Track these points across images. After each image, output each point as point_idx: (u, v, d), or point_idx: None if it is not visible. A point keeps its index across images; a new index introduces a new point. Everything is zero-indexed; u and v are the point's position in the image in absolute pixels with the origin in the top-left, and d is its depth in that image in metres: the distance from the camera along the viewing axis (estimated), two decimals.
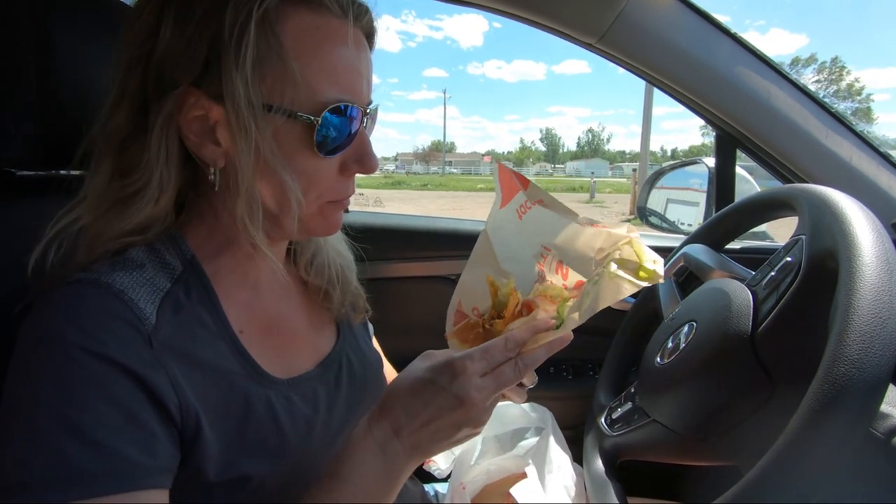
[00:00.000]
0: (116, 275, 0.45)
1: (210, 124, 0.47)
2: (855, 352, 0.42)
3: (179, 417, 0.44)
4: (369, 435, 0.46)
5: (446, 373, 0.45)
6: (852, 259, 0.48)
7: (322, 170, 0.50)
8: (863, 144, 0.95)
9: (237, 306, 0.53)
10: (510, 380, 0.46)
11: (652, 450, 0.67)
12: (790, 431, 0.43)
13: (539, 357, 0.48)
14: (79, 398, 0.39)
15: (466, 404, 0.44)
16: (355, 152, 0.51)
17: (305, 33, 0.46)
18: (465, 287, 0.60)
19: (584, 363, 1.25)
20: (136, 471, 0.40)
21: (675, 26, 0.95)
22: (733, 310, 0.60)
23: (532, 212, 0.60)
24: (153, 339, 0.44)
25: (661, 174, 1.49)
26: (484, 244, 0.61)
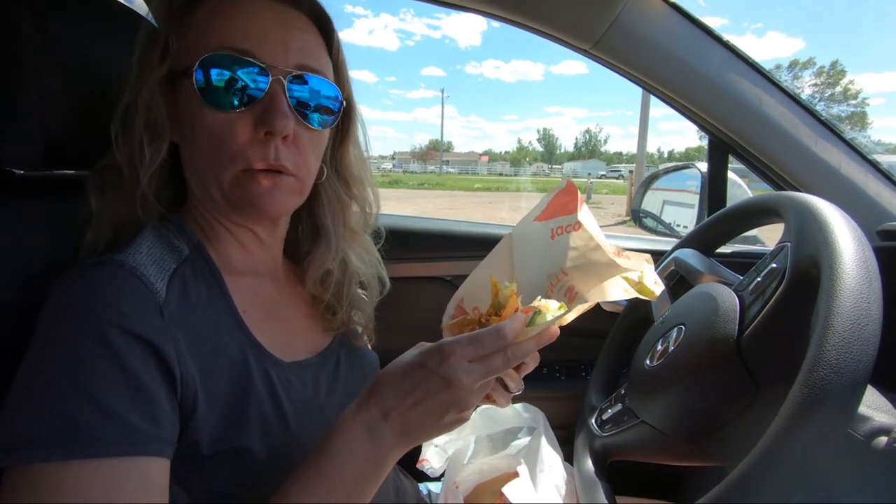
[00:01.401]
0: (128, 254, 0.49)
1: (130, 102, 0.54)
2: (834, 357, 0.44)
3: (181, 390, 0.46)
4: (357, 417, 0.47)
5: (435, 356, 0.46)
6: (834, 267, 0.50)
7: (224, 126, 0.51)
8: (851, 152, 0.97)
9: (240, 288, 0.57)
10: (498, 368, 0.47)
11: (640, 450, 0.69)
12: (771, 433, 0.45)
13: (528, 348, 0.48)
14: (93, 365, 0.41)
15: (454, 386, 0.45)
16: (262, 110, 0.52)
17: (212, 10, 0.52)
18: (471, 285, 0.60)
19: (577, 364, 1.26)
20: (140, 437, 0.42)
21: (668, 33, 0.96)
22: (720, 314, 0.62)
23: (573, 234, 0.60)
24: (164, 311, 0.47)
25: (655, 177, 1.51)
26: (504, 248, 0.61)
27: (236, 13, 0.52)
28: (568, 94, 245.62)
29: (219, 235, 0.58)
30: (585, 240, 0.59)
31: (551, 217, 0.60)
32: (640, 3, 0.92)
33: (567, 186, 0.60)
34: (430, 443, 0.92)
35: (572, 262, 0.59)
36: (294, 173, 0.54)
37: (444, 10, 0.62)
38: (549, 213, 0.60)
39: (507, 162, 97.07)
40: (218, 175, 0.52)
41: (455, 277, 1.25)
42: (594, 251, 0.58)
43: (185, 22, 0.53)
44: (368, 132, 0.69)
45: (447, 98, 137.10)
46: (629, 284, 0.53)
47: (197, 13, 0.53)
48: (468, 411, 0.47)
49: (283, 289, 0.64)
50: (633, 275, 0.54)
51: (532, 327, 0.49)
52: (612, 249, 0.57)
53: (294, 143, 0.54)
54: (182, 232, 0.56)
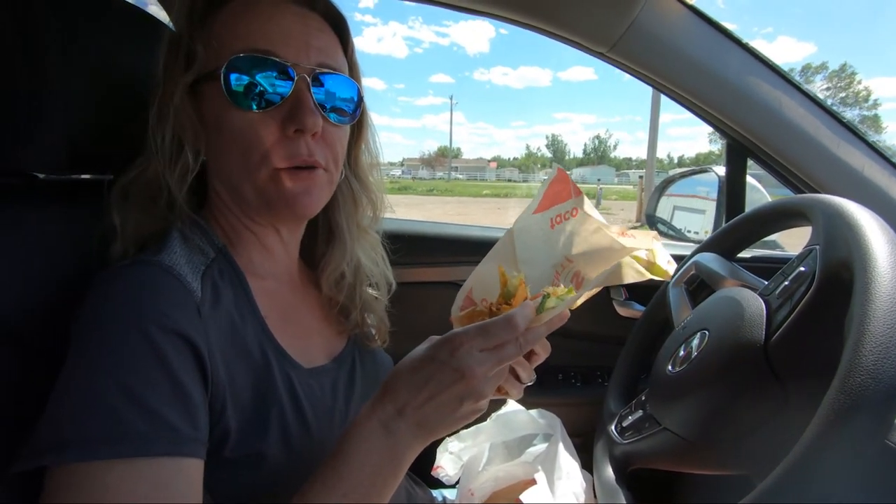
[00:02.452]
0: (162, 255, 0.49)
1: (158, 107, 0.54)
2: (871, 362, 0.42)
3: (211, 390, 0.47)
4: (373, 415, 0.46)
5: (445, 347, 0.45)
6: (868, 269, 0.48)
7: (254, 127, 0.52)
8: (874, 154, 0.95)
9: (262, 293, 0.57)
10: (511, 355, 0.46)
11: (662, 458, 0.67)
12: (805, 441, 0.43)
13: (539, 334, 0.48)
14: (136, 365, 0.42)
15: (467, 376, 0.44)
16: (290, 109, 0.53)
17: (235, 13, 0.53)
18: (478, 277, 0.60)
19: (593, 371, 1.25)
20: (182, 438, 0.42)
21: (686, 36, 0.95)
22: (746, 319, 0.60)
23: (570, 220, 0.60)
24: (201, 309, 0.47)
25: (670, 182, 1.49)
26: (506, 242, 0.61)
27: (258, 16, 0.53)
28: (576, 100, 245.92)
29: (242, 239, 0.58)
30: (585, 223, 0.58)
31: (548, 207, 0.60)
32: (657, 5, 0.92)
33: (558, 174, 0.60)
34: (444, 449, 0.92)
35: (576, 249, 0.59)
36: (325, 167, 0.56)
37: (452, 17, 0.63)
38: (546, 203, 0.60)
39: (516, 168, 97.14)
40: (251, 175, 0.53)
41: None
42: (595, 234, 0.58)
43: (206, 26, 0.53)
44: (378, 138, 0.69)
45: (455, 105, 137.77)
46: (640, 264, 0.51)
47: (218, 17, 0.54)
48: (483, 401, 0.47)
49: (298, 293, 0.65)
50: (642, 253, 0.53)
51: (543, 312, 0.49)
52: (615, 229, 0.57)
53: (322, 138, 0.55)
54: (206, 235, 0.56)
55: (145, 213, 0.53)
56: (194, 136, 0.53)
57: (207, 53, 0.53)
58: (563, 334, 1.26)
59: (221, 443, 0.47)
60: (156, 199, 0.54)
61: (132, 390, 0.41)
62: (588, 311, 1.23)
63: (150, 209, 0.54)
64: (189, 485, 0.42)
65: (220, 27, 0.53)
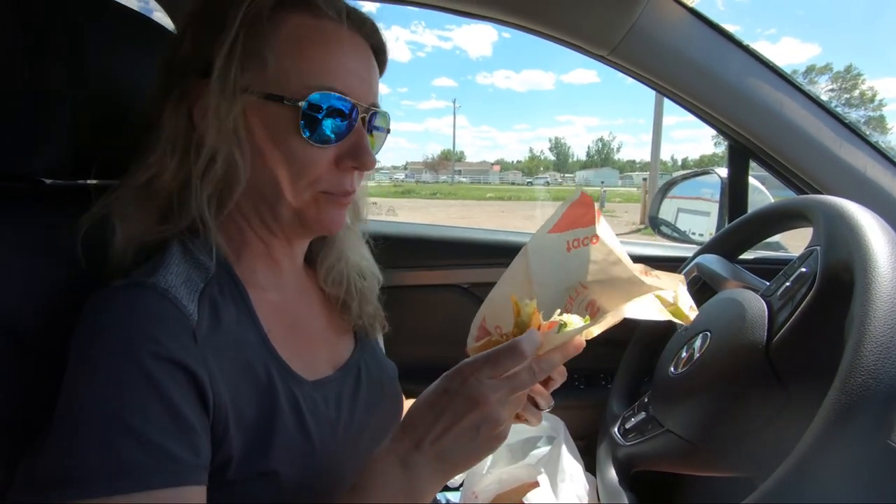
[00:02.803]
0: (158, 275, 0.48)
1: (209, 108, 0.51)
2: (871, 362, 0.43)
3: (213, 414, 0.46)
4: (391, 451, 0.46)
5: (457, 378, 0.46)
6: (868, 270, 0.49)
7: (314, 158, 0.53)
8: (877, 155, 0.95)
9: (265, 306, 0.56)
10: (525, 382, 0.46)
11: (665, 460, 0.67)
12: (806, 442, 0.43)
13: (554, 361, 0.48)
14: (132, 396, 0.41)
15: (480, 403, 0.44)
16: (350, 147, 0.54)
17: (301, 33, 0.51)
18: (492, 304, 0.59)
19: (596, 373, 1.24)
20: (180, 467, 0.42)
21: (687, 38, 0.95)
22: (748, 320, 0.60)
23: (590, 247, 0.59)
24: (197, 334, 0.46)
25: (673, 184, 1.49)
26: (521, 263, 0.60)
27: (329, 47, 0.52)
28: (579, 102, 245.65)
29: (250, 250, 0.57)
30: (605, 253, 0.57)
31: (566, 229, 0.59)
32: (657, 8, 0.92)
33: (581, 198, 0.59)
34: None
35: (592, 276, 0.58)
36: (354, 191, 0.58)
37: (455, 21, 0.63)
38: (564, 224, 0.59)
39: (519, 171, 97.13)
40: (295, 197, 0.53)
41: (471, 285, 1.25)
42: (614, 265, 0.57)
43: (273, 34, 0.51)
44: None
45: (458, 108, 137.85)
46: (663, 305, 0.51)
47: (283, 29, 0.51)
48: (502, 428, 0.47)
49: (302, 300, 0.65)
50: (668, 294, 0.52)
51: (558, 335, 0.48)
52: (638, 268, 0.56)
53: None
54: (208, 246, 0.54)
55: (150, 222, 0.53)
56: (240, 149, 0.52)
57: (279, 73, 0.51)
58: None
59: (225, 465, 0.47)
60: (162, 208, 0.53)
61: (129, 423, 0.40)
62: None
63: (155, 218, 0.53)
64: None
65: (290, 45, 0.51)
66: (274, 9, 0.51)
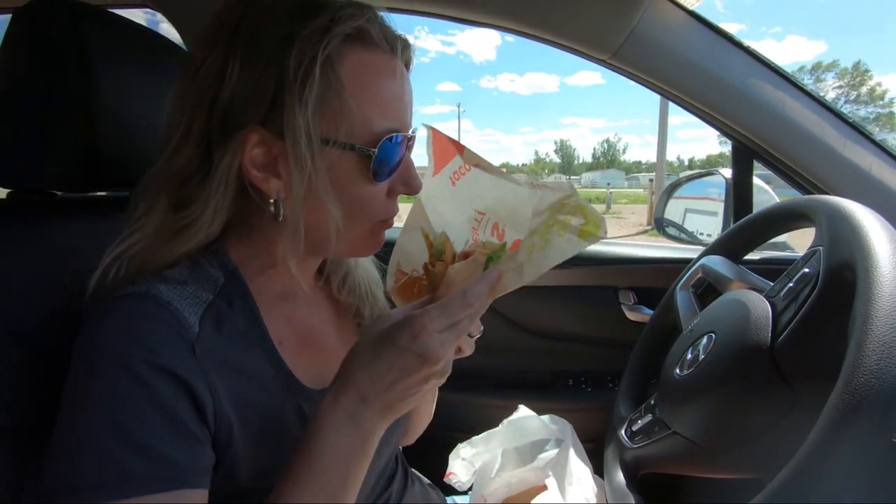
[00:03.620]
0: (162, 287, 0.48)
1: (272, 158, 0.49)
2: (874, 361, 0.43)
3: (214, 424, 0.47)
4: (337, 406, 0.46)
5: (405, 332, 0.45)
6: (870, 270, 0.49)
7: (374, 195, 0.53)
8: (882, 153, 0.95)
9: (277, 318, 0.56)
10: (466, 327, 0.47)
11: (673, 462, 0.67)
12: (811, 442, 0.43)
13: (487, 303, 0.49)
14: (128, 404, 0.42)
15: (431, 361, 0.44)
16: (402, 175, 0.54)
17: (360, 70, 0.49)
18: (402, 249, 0.61)
19: (604, 375, 1.24)
20: (180, 472, 0.42)
21: (687, 41, 0.96)
22: (752, 321, 0.61)
23: (467, 176, 0.60)
24: (196, 348, 0.46)
25: (678, 185, 1.49)
26: (417, 212, 0.62)
27: (387, 83, 0.51)
28: (584, 104, 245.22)
29: (274, 265, 0.55)
30: (484, 177, 0.58)
31: (442, 166, 0.60)
32: (657, 11, 0.93)
33: (434, 134, 0.60)
34: (457, 456, 0.92)
35: (484, 202, 0.60)
36: None
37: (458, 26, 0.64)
38: (439, 163, 0.60)
39: (525, 174, 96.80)
40: (351, 229, 0.52)
41: None
42: (499, 186, 0.58)
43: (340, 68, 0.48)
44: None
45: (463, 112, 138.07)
46: (569, 232, 0.50)
47: (347, 63, 0.48)
48: (448, 374, 0.48)
49: (314, 309, 0.64)
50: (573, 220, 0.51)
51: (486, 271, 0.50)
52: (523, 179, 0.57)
53: None
54: (217, 258, 0.54)
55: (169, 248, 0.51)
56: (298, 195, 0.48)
57: (346, 118, 0.48)
58: (574, 339, 1.27)
59: (231, 477, 0.47)
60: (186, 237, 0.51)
61: (126, 430, 0.41)
62: (597, 316, 1.25)
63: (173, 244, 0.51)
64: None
65: (353, 87, 0.48)
66: (333, 46, 0.47)
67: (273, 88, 0.46)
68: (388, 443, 0.66)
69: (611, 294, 1.25)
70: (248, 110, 0.47)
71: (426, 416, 0.78)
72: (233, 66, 0.47)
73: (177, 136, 0.49)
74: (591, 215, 0.50)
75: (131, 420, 0.42)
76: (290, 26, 0.46)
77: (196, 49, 0.50)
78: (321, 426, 0.45)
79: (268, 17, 0.47)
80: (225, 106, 0.48)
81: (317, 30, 0.46)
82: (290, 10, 0.48)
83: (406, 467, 0.78)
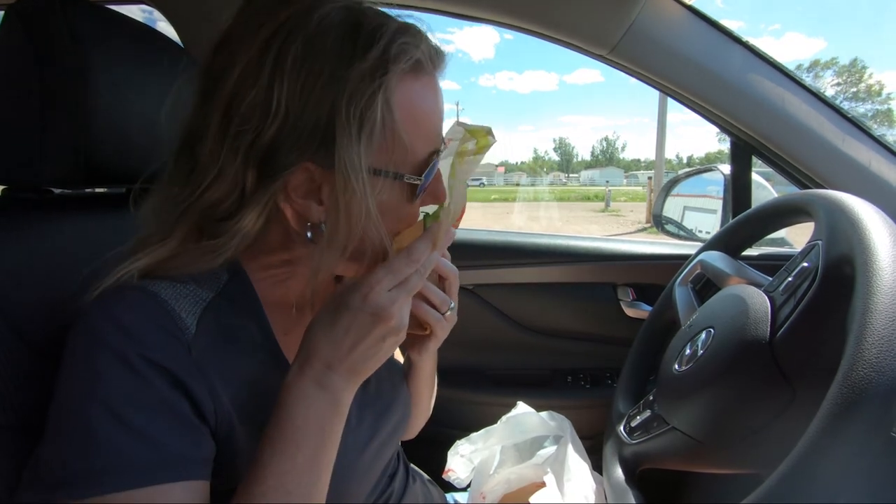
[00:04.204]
0: (161, 285, 0.47)
1: (315, 186, 0.48)
2: (874, 355, 0.43)
3: (214, 423, 0.46)
4: (303, 377, 0.46)
5: (356, 294, 0.46)
6: (869, 263, 0.49)
7: (410, 212, 0.53)
8: (881, 149, 0.95)
9: (282, 315, 0.55)
10: (416, 284, 0.48)
11: (672, 458, 0.67)
12: (810, 436, 0.43)
13: (433, 258, 0.49)
14: (127, 395, 0.42)
15: (384, 317, 0.45)
16: (431, 189, 0.54)
17: (410, 99, 0.48)
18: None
19: (602, 372, 1.24)
20: (183, 461, 0.42)
21: (686, 36, 0.96)
22: (751, 316, 0.60)
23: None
24: (192, 348, 0.46)
25: (676, 182, 1.49)
26: None
27: (431, 108, 0.50)
28: (583, 102, 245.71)
29: (288, 278, 0.55)
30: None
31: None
32: (656, 7, 0.92)
33: None
34: (455, 452, 0.92)
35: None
36: None
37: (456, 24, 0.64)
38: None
39: (524, 172, 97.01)
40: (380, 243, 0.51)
41: (476, 286, 1.25)
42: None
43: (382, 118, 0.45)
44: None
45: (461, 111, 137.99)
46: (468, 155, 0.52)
47: (390, 78, 0.45)
48: (404, 331, 0.48)
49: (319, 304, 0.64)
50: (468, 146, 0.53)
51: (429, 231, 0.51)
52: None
53: None
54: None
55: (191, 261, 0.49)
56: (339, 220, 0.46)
57: (396, 147, 0.47)
58: (572, 336, 1.27)
59: (233, 472, 0.47)
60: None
61: (128, 420, 0.41)
62: (596, 312, 1.25)
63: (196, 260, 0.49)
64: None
65: (404, 116, 0.47)
66: (389, 83, 0.45)
67: (324, 126, 0.45)
68: (390, 441, 0.65)
69: (609, 290, 1.25)
70: (295, 149, 0.45)
71: (426, 410, 0.78)
72: (279, 101, 0.44)
73: (211, 172, 0.46)
74: (477, 132, 0.53)
75: (129, 409, 0.41)
76: (343, 62, 0.44)
77: (228, 71, 0.46)
78: (291, 396, 0.46)
79: (317, 46, 0.44)
80: (269, 144, 0.45)
81: (374, 65, 0.44)
82: (341, 40, 0.45)
83: (407, 465, 0.78)
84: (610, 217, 19.95)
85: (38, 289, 0.53)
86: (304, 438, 0.45)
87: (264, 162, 0.46)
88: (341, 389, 0.47)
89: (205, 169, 0.47)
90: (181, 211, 0.49)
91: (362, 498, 0.63)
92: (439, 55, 0.51)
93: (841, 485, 0.42)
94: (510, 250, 1.26)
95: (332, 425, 0.47)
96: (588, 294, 1.26)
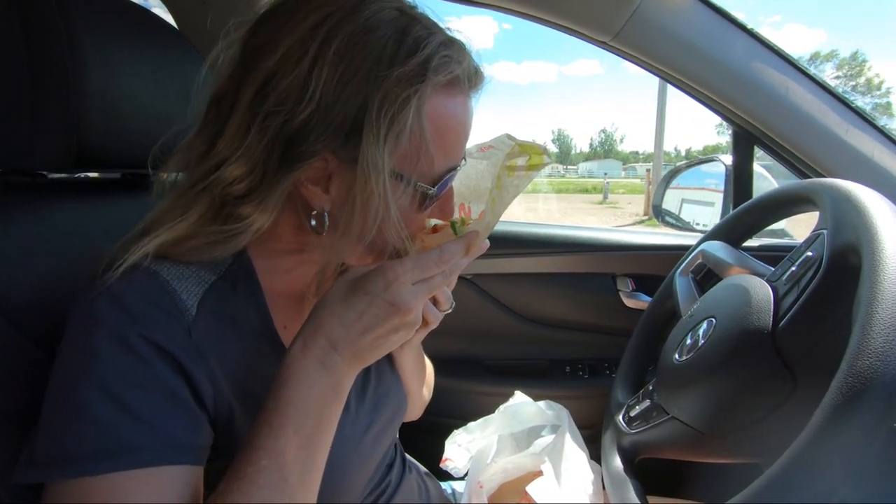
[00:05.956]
0: (164, 265, 0.47)
1: (327, 175, 0.47)
2: (879, 344, 0.42)
3: (213, 408, 0.46)
4: (307, 353, 0.45)
5: (379, 280, 0.44)
6: (875, 252, 0.48)
7: (417, 219, 0.52)
8: (885, 139, 0.94)
9: (283, 303, 0.55)
10: (438, 284, 0.47)
11: (671, 447, 0.67)
12: (813, 426, 0.43)
13: (462, 263, 0.49)
14: (125, 376, 0.41)
15: (402, 310, 0.44)
16: (441, 203, 0.53)
17: (441, 113, 0.47)
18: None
19: (600, 362, 1.24)
20: (178, 446, 0.42)
21: (689, 23, 0.94)
22: (753, 305, 0.60)
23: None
24: (192, 331, 0.45)
25: (676, 173, 1.48)
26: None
27: (459, 125, 0.50)
28: (582, 94, 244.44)
29: (292, 269, 0.55)
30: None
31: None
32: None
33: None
34: (453, 442, 0.92)
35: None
36: None
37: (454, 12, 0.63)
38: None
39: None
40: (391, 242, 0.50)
41: (475, 276, 1.25)
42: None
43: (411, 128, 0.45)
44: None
45: None
46: (518, 171, 0.52)
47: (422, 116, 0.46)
48: (417, 327, 0.48)
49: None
50: (519, 161, 0.53)
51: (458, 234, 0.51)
52: (474, 149, 0.57)
53: None
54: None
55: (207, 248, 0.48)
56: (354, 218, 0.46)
57: (420, 157, 0.47)
58: (570, 327, 1.26)
59: (233, 454, 0.46)
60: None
61: (125, 402, 0.40)
62: (595, 303, 1.24)
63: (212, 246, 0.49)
64: (193, 492, 0.42)
65: (433, 130, 0.46)
66: (425, 92, 0.45)
67: (352, 121, 0.44)
68: (388, 429, 0.65)
69: (608, 281, 1.25)
70: (322, 138, 0.45)
71: (419, 397, 0.77)
72: (315, 89, 0.43)
73: (235, 146, 0.46)
74: (532, 149, 0.52)
75: (127, 391, 0.41)
76: (383, 62, 0.44)
77: (270, 47, 0.45)
78: (292, 373, 0.44)
79: (362, 42, 0.44)
80: (297, 129, 0.45)
81: (413, 71, 0.44)
82: (385, 41, 0.45)
83: (403, 455, 0.77)
84: (608, 209, 19.95)
85: (31, 273, 0.52)
86: (303, 420, 0.44)
87: (287, 147, 0.45)
88: (343, 373, 0.46)
89: (230, 142, 0.46)
90: (200, 187, 0.48)
91: (361, 487, 0.62)
92: (478, 75, 0.51)
93: (843, 475, 0.41)
94: (509, 240, 1.25)
95: (331, 409, 0.46)
96: (587, 284, 1.26)
